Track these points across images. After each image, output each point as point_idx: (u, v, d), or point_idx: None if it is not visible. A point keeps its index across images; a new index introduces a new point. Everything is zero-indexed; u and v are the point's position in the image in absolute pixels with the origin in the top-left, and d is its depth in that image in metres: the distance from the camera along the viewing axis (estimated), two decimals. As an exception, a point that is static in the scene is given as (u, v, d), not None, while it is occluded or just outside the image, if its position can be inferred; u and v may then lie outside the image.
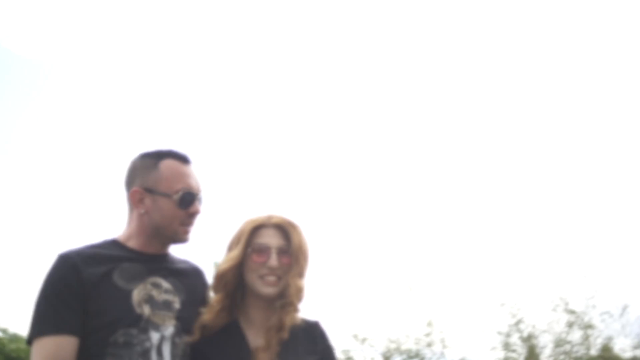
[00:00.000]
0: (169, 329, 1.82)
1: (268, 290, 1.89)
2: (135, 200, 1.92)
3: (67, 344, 1.71)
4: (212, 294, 2.01)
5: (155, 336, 1.78)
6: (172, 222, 1.90)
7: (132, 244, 1.92)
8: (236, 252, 1.91)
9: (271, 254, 1.89)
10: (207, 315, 1.90)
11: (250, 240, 1.92)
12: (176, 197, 1.88)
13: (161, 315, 1.82)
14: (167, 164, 1.93)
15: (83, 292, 1.75)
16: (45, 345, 1.71)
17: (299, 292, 1.92)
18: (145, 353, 1.74)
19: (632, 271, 12.85)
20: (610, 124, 17.94)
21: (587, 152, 17.67)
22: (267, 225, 1.94)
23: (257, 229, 1.94)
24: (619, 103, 18.01)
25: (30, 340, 1.75)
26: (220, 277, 1.93)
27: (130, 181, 1.96)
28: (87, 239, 1.94)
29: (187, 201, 1.90)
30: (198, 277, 2.07)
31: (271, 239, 1.92)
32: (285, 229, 1.94)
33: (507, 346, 10.76)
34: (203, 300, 1.99)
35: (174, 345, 1.82)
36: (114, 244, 1.93)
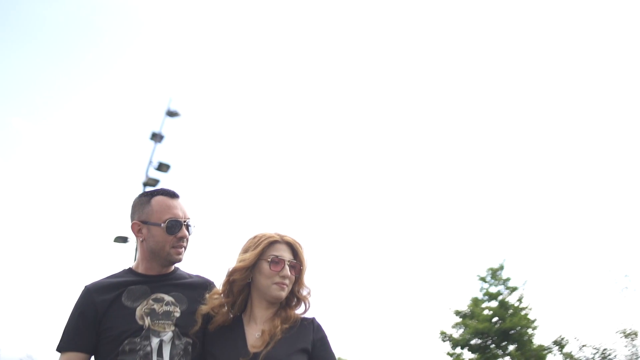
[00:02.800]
0: (168, 334, 2.25)
1: (280, 293, 2.33)
2: (135, 231, 2.40)
3: (75, 358, 2.24)
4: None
5: (155, 341, 2.22)
6: (164, 246, 2.36)
7: (140, 269, 2.41)
8: (251, 255, 2.34)
9: (285, 265, 2.34)
10: (205, 307, 2.35)
11: (266, 251, 2.35)
12: (164, 225, 2.34)
13: (161, 324, 2.26)
14: (157, 200, 2.40)
15: (96, 316, 2.24)
16: (62, 358, 2.25)
17: (307, 295, 2.43)
18: (147, 355, 2.19)
19: None
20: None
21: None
22: (281, 242, 2.39)
23: (272, 243, 2.37)
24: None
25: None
26: (231, 273, 2.36)
27: (131, 216, 2.44)
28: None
29: (174, 228, 2.36)
30: (205, 289, 2.46)
31: (284, 253, 2.37)
32: (294, 247, 2.40)
33: None
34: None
35: (173, 346, 2.24)
36: (129, 271, 2.43)
